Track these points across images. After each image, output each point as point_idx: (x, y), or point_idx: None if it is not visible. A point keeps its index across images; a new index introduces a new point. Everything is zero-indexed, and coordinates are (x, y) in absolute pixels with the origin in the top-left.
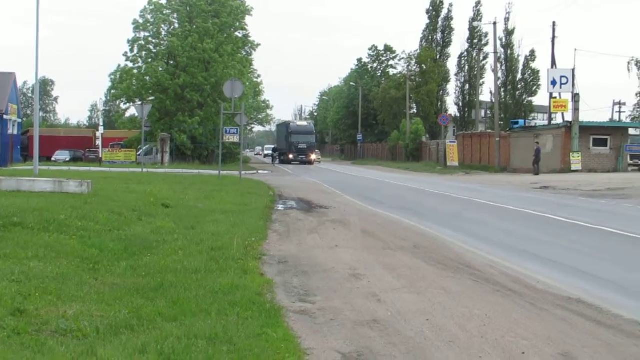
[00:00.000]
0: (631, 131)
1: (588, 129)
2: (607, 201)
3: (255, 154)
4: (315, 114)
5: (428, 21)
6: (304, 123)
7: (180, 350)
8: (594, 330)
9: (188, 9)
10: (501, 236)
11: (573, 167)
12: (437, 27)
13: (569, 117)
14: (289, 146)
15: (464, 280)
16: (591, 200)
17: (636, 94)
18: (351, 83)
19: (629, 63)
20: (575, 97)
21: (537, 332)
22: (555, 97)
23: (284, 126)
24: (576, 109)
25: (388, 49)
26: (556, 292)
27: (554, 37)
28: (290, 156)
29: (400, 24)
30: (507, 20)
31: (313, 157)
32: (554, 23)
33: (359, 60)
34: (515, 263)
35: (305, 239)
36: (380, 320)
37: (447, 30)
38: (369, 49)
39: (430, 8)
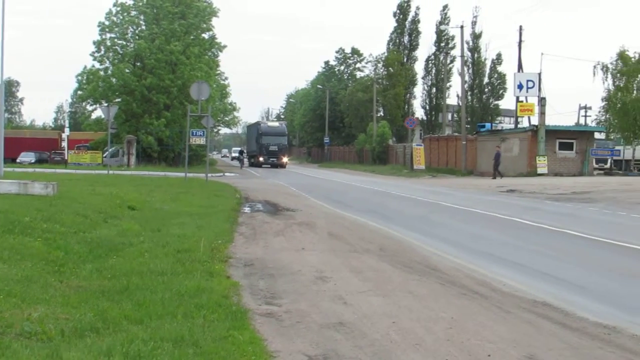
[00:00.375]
0: (597, 135)
1: (554, 133)
2: (573, 205)
3: (222, 156)
4: (282, 116)
5: (395, 24)
6: (276, 124)
7: (146, 353)
8: (560, 333)
9: (155, 10)
10: (467, 239)
11: (539, 171)
12: (405, 30)
13: (535, 120)
14: (259, 148)
15: (430, 283)
16: (557, 204)
17: (601, 99)
18: (318, 86)
19: (594, 67)
20: (542, 101)
21: (503, 335)
22: (522, 101)
23: (254, 127)
24: (542, 113)
25: (355, 51)
26: (522, 295)
27: (520, 41)
28: (261, 159)
29: (368, 27)
30: (474, 23)
31: (285, 159)
32: (520, 27)
33: (326, 62)
34: (482, 266)
35: (272, 241)
36: (346, 322)
37: (414, 33)
38: (336, 52)
39: (398, 11)
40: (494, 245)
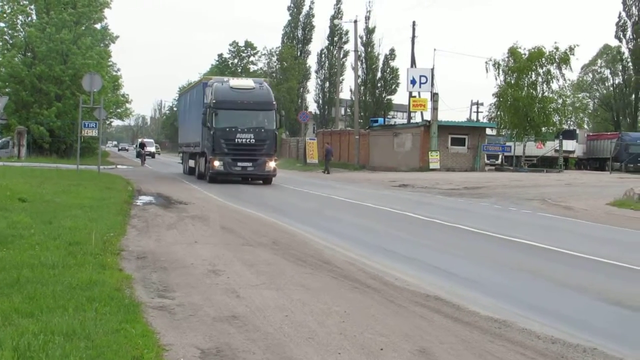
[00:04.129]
0: (488, 131)
1: (446, 128)
2: (465, 200)
3: (120, 149)
4: (175, 109)
5: (290, 18)
6: (249, 82)
7: (37, 346)
8: (451, 327)
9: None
10: (360, 233)
11: (431, 166)
12: (298, 24)
13: (428, 116)
14: (214, 140)
15: (323, 276)
16: (449, 199)
17: (493, 95)
18: None
19: (486, 63)
20: (434, 97)
21: (395, 328)
22: (415, 96)
23: (195, 93)
24: (435, 109)
25: (249, 45)
26: (414, 289)
27: (413, 37)
28: (216, 163)
29: (262, 20)
30: (367, 18)
31: (272, 164)
32: (413, 23)
33: (220, 55)
34: (374, 260)
35: (164, 234)
36: (239, 316)
37: (308, 27)
38: (230, 45)
39: (292, 5)
40: (387, 239)
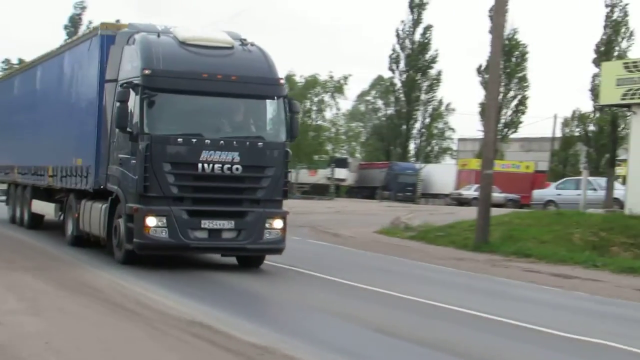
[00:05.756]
0: None
1: None
2: None
3: None
4: None
5: (66, 37)
6: (221, 37)
7: None
8: (216, 354)
9: None
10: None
11: None
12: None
13: None
14: (150, 166)
15: (85, 301)
16: None
17: None
18: None
19: None
20: None
21: (156, 353)
22: None
23: (85, 56)
24: None
25: (22, 63)
26: (177, 314)
27: None
28: (152, 221)
29: (37, 37)
30: None
31: (278, 224)
32: None
33: None
34: (139, 285)
35: None
36: None
37: None
38: (2, 62)
39: (69, 24)
40: (150, 264)
